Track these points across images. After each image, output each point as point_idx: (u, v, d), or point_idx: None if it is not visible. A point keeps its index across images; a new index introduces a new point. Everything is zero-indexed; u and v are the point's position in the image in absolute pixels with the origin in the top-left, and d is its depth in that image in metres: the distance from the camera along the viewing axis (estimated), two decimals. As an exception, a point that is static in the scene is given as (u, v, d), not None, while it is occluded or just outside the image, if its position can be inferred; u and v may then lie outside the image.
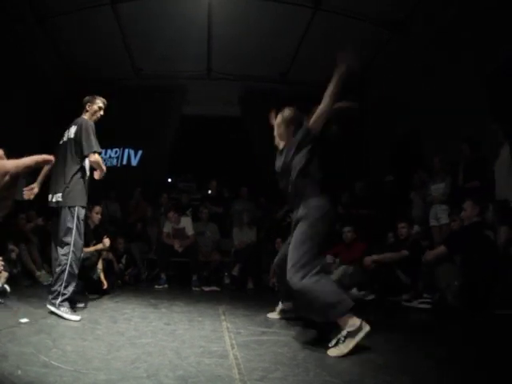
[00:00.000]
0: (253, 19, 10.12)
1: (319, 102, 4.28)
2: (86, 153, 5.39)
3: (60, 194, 5.34)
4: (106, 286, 7.23)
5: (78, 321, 4.76)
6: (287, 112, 4.92)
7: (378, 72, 11.99)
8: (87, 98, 5.83)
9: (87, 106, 5.76)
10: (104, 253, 7.63)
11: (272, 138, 5.19)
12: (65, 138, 5.63)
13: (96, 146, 5.42)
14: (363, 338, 3.77)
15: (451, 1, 8.82)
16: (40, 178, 5.61)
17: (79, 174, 5.45)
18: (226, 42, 11.08)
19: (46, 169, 5.58)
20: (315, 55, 11.29)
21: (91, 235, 7.42)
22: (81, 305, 5.64)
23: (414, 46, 10.44)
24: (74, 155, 5.43)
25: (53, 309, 4.96)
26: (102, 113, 5.87)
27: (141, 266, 9.95)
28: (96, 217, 7.73)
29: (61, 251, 5.29)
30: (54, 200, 5.42)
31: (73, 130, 5.55)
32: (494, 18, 8.01)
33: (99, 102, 5.82)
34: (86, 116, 5.71)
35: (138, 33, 10.75)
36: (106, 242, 7.45)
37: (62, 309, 4.93)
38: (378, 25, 10.11)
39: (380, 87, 12.66)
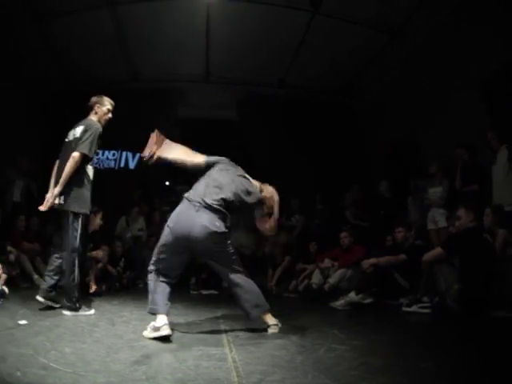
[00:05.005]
0: (251, 24, 10.14)
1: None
2: (76, 149, 5.29)
3: (63, 197, 5.29)
4: (93, 290, 7.29)
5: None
6: None
7: (375, 76, 12.04)
8: (95, 98, 5.69)
9: (96, 107, 5.63)
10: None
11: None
12: (70, 137, 5.51)
13: (87, 150, 5.30)
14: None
15: (448, 8, 8.87)
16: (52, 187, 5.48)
17: (81, 177, 5.40)
18: (224, 46, 11.10)
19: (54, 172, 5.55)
20: (313, 60, 11.34)
21: (88, 239, 7.45)
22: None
23: (410, 51, 10.49)
24: None
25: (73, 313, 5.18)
26: (110, 116, 5.74)
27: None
28: (97, 223, 7.71)
29: (64, 256, 5.34)
30: (56, 202, 5.32)
31: (79, 129, 5.45)
32: (493, 24, 8.07)
33: (108, 104, 5.69)
34: (94, 118, 5.61)
35: (136, 36, 10.77)
36: (99, 254, 7.69)
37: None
38: (375, 29, 10.13)
39: (376, 91, 12.71)
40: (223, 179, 4.57)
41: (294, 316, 5.84)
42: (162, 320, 4.09)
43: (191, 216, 4.31)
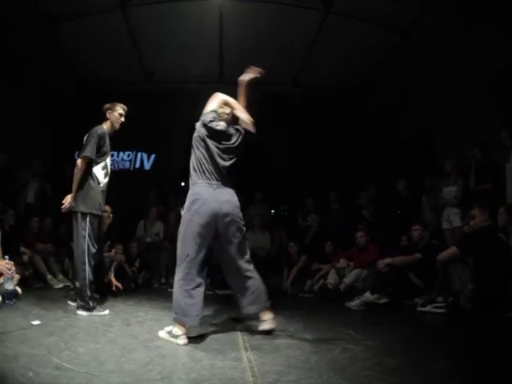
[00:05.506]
0: (263, 23, 10.13)
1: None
2: (79, 155, 5.48)
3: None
4: (115, 288, 7.30)
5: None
6: None
7: (387, 75, 11.98)
8: (107, 105, 5.84)
9: (108, 114, 5.78)
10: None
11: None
12: None
13: (88, 152, 5.45)
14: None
15: (454, 7, 8.81)
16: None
17: (88, 179, 5.49)
18: (236, 46, 11.07)
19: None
20: (326, 59, 11.31)
21: (104, 238, 7.45)
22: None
23: (422, 49, 10.43)
24: None
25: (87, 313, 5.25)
26: (123, 119, 5.86)
27: (162, 274, 9.92)
28: (107, 218, 7.67)
29: (76, 258, 5.38)
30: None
31: (85, 137, 5.61)
32: (498, 24, 8.06)
33: (119, 109, 5.82)
34: (105, 125, 5.75)
35: (149, 37, 10.80)
36: (111, 255, 7.76)
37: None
38: (387, 28, 10.09)
39: (389, 90, 12.66)
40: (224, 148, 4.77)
41: (309, 316, 5.84)
42: (182, 329, 4.02)
43: (213, 194, 4.29)
